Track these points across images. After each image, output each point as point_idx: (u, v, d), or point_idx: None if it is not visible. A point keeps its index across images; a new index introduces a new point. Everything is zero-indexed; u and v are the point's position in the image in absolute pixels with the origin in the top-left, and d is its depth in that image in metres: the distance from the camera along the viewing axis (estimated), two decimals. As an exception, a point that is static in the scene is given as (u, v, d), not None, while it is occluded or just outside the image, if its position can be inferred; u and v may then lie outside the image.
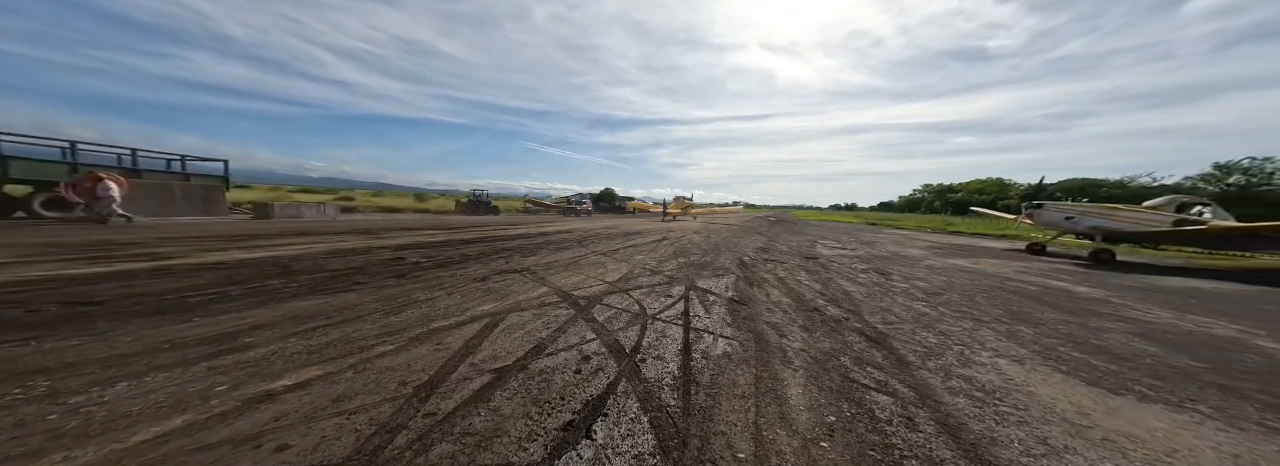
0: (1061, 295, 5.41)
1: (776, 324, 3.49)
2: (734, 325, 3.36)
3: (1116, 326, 3.90)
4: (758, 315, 3.75)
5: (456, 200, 27.01)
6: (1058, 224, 10.95)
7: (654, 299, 4.14)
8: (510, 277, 4.92)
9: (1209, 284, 6.94)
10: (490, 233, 11.73)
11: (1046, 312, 4.36)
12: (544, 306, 3.64)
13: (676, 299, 4.19)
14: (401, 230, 11.30)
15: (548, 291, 4.23)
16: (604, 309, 3.63)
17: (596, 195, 54.12)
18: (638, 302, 3.93)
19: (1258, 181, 33.77)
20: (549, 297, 3.97)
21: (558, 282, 4.73)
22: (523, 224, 17.38)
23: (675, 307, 3.83)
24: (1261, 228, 7.74)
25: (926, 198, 79.33)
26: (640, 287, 4.68)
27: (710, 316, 3.61)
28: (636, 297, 4.13)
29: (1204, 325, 4.06)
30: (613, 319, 3.32)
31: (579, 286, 4.57)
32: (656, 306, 3.84)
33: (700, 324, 3.33)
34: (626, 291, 4.41)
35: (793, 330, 3.33)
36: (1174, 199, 9.97)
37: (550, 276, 5.13)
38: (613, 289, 4.53)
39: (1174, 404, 2.25)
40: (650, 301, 4.03)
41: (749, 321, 3.52)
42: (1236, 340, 3.57)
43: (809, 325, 3.51)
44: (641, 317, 3.40)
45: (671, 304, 3.96)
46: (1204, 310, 4.76)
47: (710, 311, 3.79)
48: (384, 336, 2.70)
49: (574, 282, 4.78)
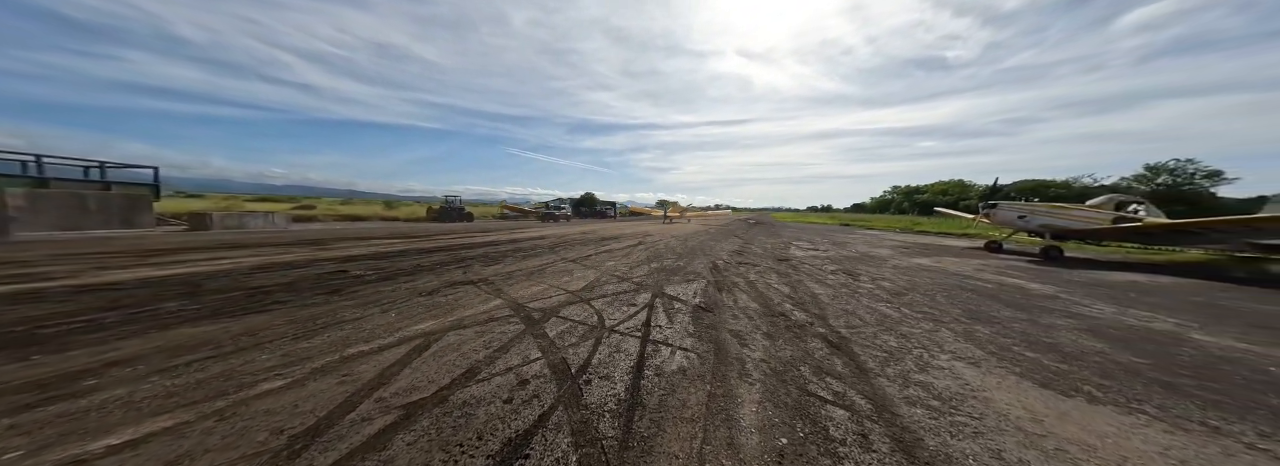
0: (1016, 292, 5.59)
1: (740, 332, 3.37)
2: (696, 335, 3.22)
3: (1066, 323, 4.01)
4: (722, 323, 3.62)
5: (428, 207, 25.97)
6: (1012, 222, 11.53)
7: (616, 308, 3.96)
8: (462, 290, 4.61)
9: (1145, 277, 7.40)
10: (456, 241, 11.23)
11: (1002, 310, 4.46)
12: (491, 322, 3.37)
13: (640, 308, 4.02)
14: (357, 240, 10.64)
15: (501, 304, 3.96)
16: (559, 322, 3.41)
17: (577, 200, 53.14)
18: (598, 313, 3.72)
19: (1181, 181, 37.17)
20: (500, 311, 3.71)
21: (515, 294, 4.46)
22: (496, 231, 16.84)
23: (637, 318, 3.66)
24: (1188, 224, 8.37)
25: (895, 199, 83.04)
26: (604, 296, 4.48)
27: (673, 326, 3.45)
28: (598, 308, 3.93)
29: (1144, 319, 4.25)
30: (566, 333, 3.11)
31: (537, 297, 4.33)
32: (617, 317, 3.65)
33: (660, 335, 3.17)
34: (588, 301, 4.20)
35: (756, 338, 3.22)
36: (1112, 198, 10.69)
37: (508, 287, 4.86)
38: (574, 299, 4.31)
39: (1122, 405, 2.25)
40: (611, 312, 3.83)
41: (712, 330, 3.39)
42: (1173, 334, 3.72)
43: (773, 332, 3.41)
44: (598, 331, 3.20)
45: (634, 313, 3.78)
46: (1142, 304, 5.01)
47: (674, 320, 3.63)
48: (280, 369, 2.35)
49: (533, 293, 4.53)
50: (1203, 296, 5.67)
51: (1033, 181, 55.94)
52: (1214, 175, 36.70)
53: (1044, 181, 54.67)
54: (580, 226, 22.72)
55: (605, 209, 52.32)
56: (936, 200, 63.23)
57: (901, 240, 15.89)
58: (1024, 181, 56.97)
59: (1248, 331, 3.85)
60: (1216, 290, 6.22)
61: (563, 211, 31.80)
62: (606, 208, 53.17)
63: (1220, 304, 5.18)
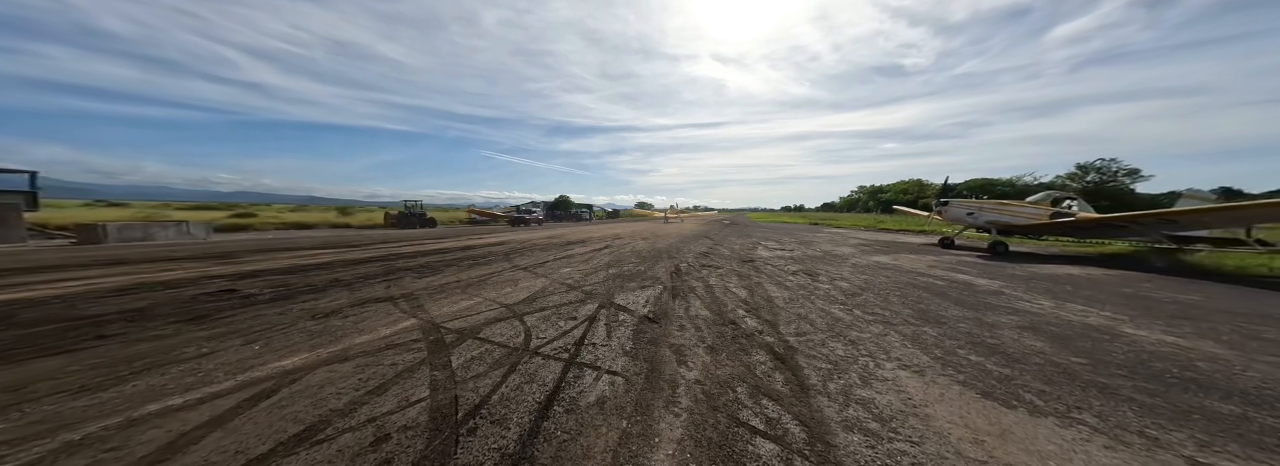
0: (964, 289, 5.67)
1: (682, 346, 3.10)
2: (631, 353, 2.91)
3: (1009, 320, 4.01)
4: (666, 336, 3.34)
5: (386, 213, 24.46)
6: (962, 219, 12.06)
7: (552, 324, 3.59)
8: (372, 309, 4.06)
9: (1079, 270, 7.81)
10: (401, 249, 10.42)
11: (950, 309, 4.44)
12: (386, 350, 2.87)
13: (579, 322, 3.68)
14: (280, 251, 9.61)
15: (412, 326, 3.48)
16: (474, 346, 3.00)
17: (550, 203, 51.73)
18: (526, 331, 3.34)
19: (1106, 179, 40.93)
20: (405, 336, 3.21)
21: (437, 311, 3.98)
22: (456, 237, 15.98)
23: (572, 334, 3.31)
24: (1115, 218, 8.96)
25: (862, 198, 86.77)
26: (543, 310, 4.10)
27: (609, 343, 3.13)
28: (530, 324, 3.55)
29: (1079, 313, 4.34)
30: (475, 361, 2.70)
31: (462, 314, 3.88)
32: (549, 334, 3.29)
33: (591, 355, 2.83)
34: (522, 316, 3.80)
35: (697, 353, 2.95)
36: (1049, 194, 11.38)
37: (433, 303, 4.36)
38: (506, 314, 3.90)
39: (1063, 415, 2.13)
40: (544, 328, 3.47)
41: (652, 345, 3.09)
42: (1106, 328, 3.78)
43: (718, 344, 3.16)
44: (517, 354, 2.82)
45: (570, 329, 3.43)
46: (1078, 298, 5.18)
47: (613, 335, 3.31)
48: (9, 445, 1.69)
49: (459, 309, 4.07)
50: (1130, 288, 5.98)
51: (982, 180, 60.01)
52: (1133, 173, 40.65)
53: (992, 180, 58.75)
54: (550, 230, 22.05)
55: (581, 212, 51.29)
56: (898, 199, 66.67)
57: (864, 238, 16.36)
58: (974, 180, 61.03)
59: (1172, 323, 3.98)
60: (1141, 281, 6.60)
61: (534, 215, 30.87)
62: (582, 211, 52.11)
63: (1145, 295, 5.44)
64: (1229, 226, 8.99)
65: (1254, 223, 8.46)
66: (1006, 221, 11.03)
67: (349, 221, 22.75)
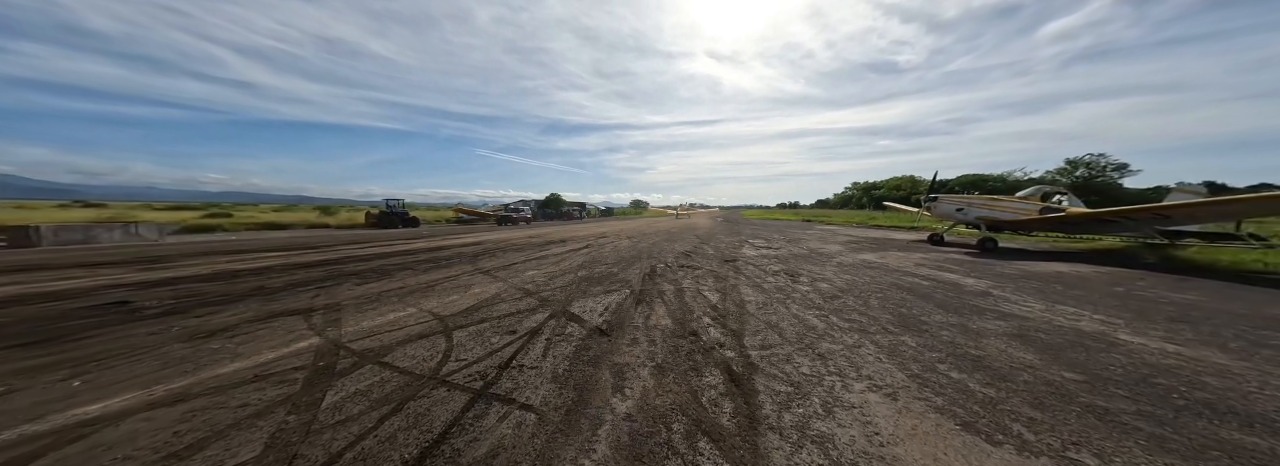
0: (950, 290, 5.34)
1: (626, 366, 2.70)
2: (562, 377, 2.51)
3: (996, 327, 3.67)
4: (611, 353, 2.94)
5: (367, 212, 23.77)
6: (951, 215, 11.79)
7: (482, 340, 3.16)
8: (275, 325, 3.55)
9: (1069, 267, 7.54)
10: (362, 251, 9.86)
11: (933, 314, 4.10)
12: (247, 385, 2.34)
13: (517, 337, 3.26)
14: (225, 255, 9.01)
15: (307, 348, 2.98)
16: (368, 375, 2.51)
17: (541, 202, 50.82)
18: (447, 351, 2.92)
19: (1095, 174, 41.17)
20: (289, 362, 2.71)
21: (351, 327, 3.50)
22: (433, 237, 15.44)
23: (501, 354, 2.90)
24: (1105, 213, 8.71)
25: (855, 195, 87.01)
26: (483, 322, 3.67)
27: (541, 364, 2.72)
28: (456, 341, 3.12)
29: (1071, 317, 4.01)
30: (357, 397, 2.19)
31: (382, 330, 3.43)
32: (472, 355, 2.87)
33: (510, 383, 2.42)
34: (453, 331, 3.37)
35: (640, 375, 2.56)
36: (1039, 189, 11.13)
37: (355, 316, 3.88)
38: (435, 328, 3.46)
39: (1057, 454, 1.77)
40: (470, 347, 3.04)
41: (591, 366, 2.69)
42: (1101, 335, 3.45)
43: (669, 362, 2.77)
44: (418, 385, 2.37)
45: (501, 347, 3.02)
46: (1069, 299, 4.87)
47: (549, 353, 2.91)
48: None
49: (381, 324, 3.61)
50: (1122, 287, 5.69)
51: (974, 176, 60.26)
52: (1122, 167, 40.91)
53: (983, 176, 59.02)
54: (536, 229, 21.57)
55: (573, 210, 50.53)
56: (891, 195, 66.89)
57: (854, 235, 16.09)
58: (966, 176, 61.29)
59: (1171, 328, 3.66)
60: (1134, 279, 6.32)
61: (522, 214, 30.27)
62: (574, 209, 51.31)
63: (1140, 295, 5.15)
64: (1220, 221, 8.79)
65: (1246, 217, 8.26)
66: (996, 217, 10.77)
67: (328, 221, 22.08)
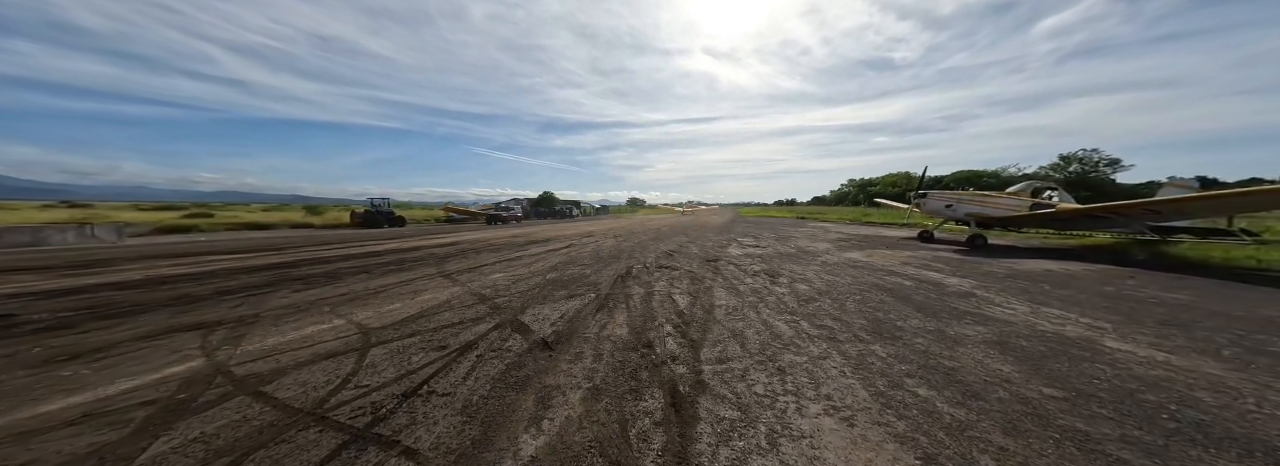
0: (932, 290, 5.09)
1: (557, 389, 2.41)
2: (473, 408, 2.16)
3: (975, 333, 3.41)
4: (547, 372, 2.64)
5: (351, 211, 23.33)
6: (940, 212, 11.56)
7: (401, 359, 2.83)
8: (165, 342, 3.14)
9: (1058, 265, 7.32)
10: (327, 253, 9.44)
11: (910, 318, 3.83)
12: (61, 430, 1.91)
13: (446, 353, 2.95)
14: (173, 258, 8.53)
15: (178, 374, 2.57)
16: (229, 411, 2.11)
17: (534, 200, 50.09)
18: (350, 375, 2.58)
19: (1088, 169, 41.17)
20: (141, 394, 2.29)
21: (256, 344, 3.12)
22: (413, 237, 15.07)
23: (416, 375, 2.57)
24: (1096, 208, 8.50)
25: (851, 192, 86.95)
26: (414, 335, 3.35)
27: (458, 389, 2.40)
28: (370, 362, 2.79)
29: (1057, 321, 3.76)
30: (192, 446, 1.78)
31: (289, 347, 3.07)
32: (380, 378, 2.53)
33: (405, 418, 2.04)
34: (371, 348, 3.04)
35: (569, 401, 2.26)
36: (1030, 184, 10.92)
37: (271, 328, 3.51)
38: (353, 345, 3.12)
39: (1024, 497, 1.50)
40: (383, 367, 2.72)
41: (516, 390, 2.39)
42: (1086, 342, 3.20)
43: (609, 382, 2.48)
44: (284, 424, 1.98)
45: (419, 367, 2.70)
46: (1056, 300, 4.62)
47: (474, 374, 2.60)
48: None
49: (293, 340, 3.24)
50: (1112, 286, 5.46)
51: (968, 172, 60.26)
52: (1114, 163, 40.93)
53: (977, 172, 59.02)
54: (524, 228, 21.23)
55: (567, 208, 49.91)
56: (887, 192, 66.87)
57: (845, 232, 15.87)
58: (960, 172, 61.28)
59: (1161, 333, 3.41)
60: (1124, 277, 6.10)
61: (512, 213, 29.86)
62: (568, 207, 50.66)
63: (1129, 295, 4.92)
64: (1212, 216, 8.60)
65: (1238, 212, 8.07)
66: (985, 213, 10.56)
67: (312, 221, 21.64)
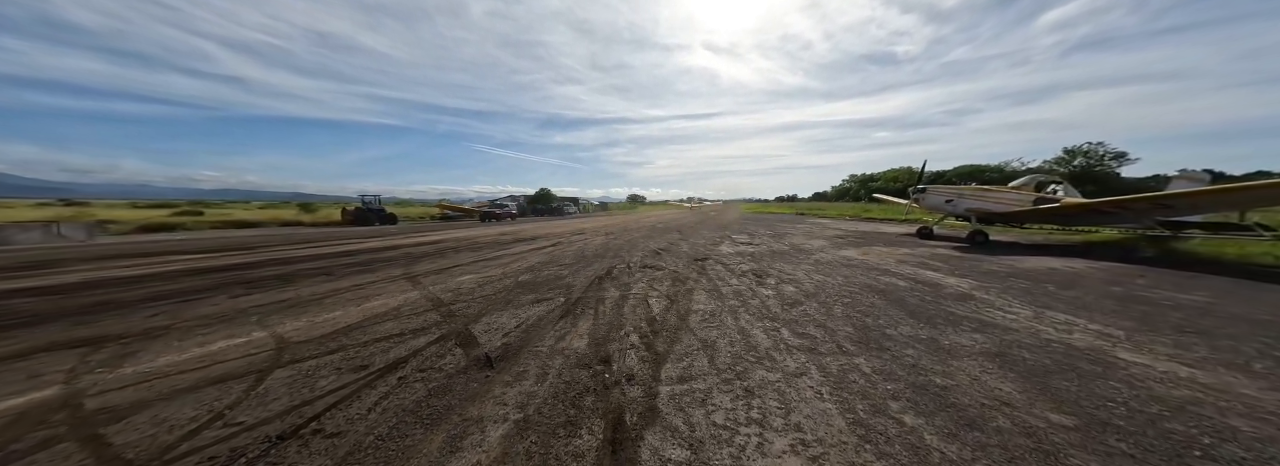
0: (928, 292, 4.74)
1: (476, 422, 2.06)
2: (357, 454, 1.78)
3: (972, 343, 3.07)
4: (475, 398, 2.30)
5: (343, 209, 23.04)
6: (940, 207, 11.17)
7: (305, 383, 2.49)
8: (26, 364, 2.78)
9: (1063, 262, 6.96)
10: (296, 253, 9.06)
11: (901, 325, 3.49)
12: None
13: (365, 374, 2.61)
14: (133, 257, 8.16)
15: (12, 408, 2.21)
16: (43, 462, 1.78)
17: (531, 197, 49.58)
18: (230, 407, 2.22)
19: (1093, 163, 40.52)
20: None
21: (139, 366, 2.73)
22: (398, 235, 14.73)
23: (313, 405, 2.22)
24: (1102, 202, 8.11)
25: (852, 187, 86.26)
26: (337, 351, 3.00)
27: (356, 424, 2.04)
28: (267, 386, 2.44)
29: (1063, 328, 3.42)
30: None
31: (178, 368, 2.71)
32: (268, 409, 2.18)
33: None
34: (276, 369, 2.71)
35: (484, 442, 1.89)
36: (1033, 178, 10.50)
37: (172, 344, 3.15)
38: (258, 365, 2.79)
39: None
40: (277, 396, 2.38)
41: (426, 424, 2.02)
42: (1097, 354, 2.86)
43: (541, 414, 2.13)
44: None
45: (325, 393, 2.36)
46: (1061, 302, 4.27)
47: (386, 402, 2.26)
48: None
49: (186, 360, 2.88)
50: (1121, 286, 5.10)
51: (970, 167, 59.54)
52: (1120, 156, 40.25)
53: (980, 166, 58.30)
54: (516, 226, 20.91)
55: (564, 205, 49.43)
56: (889, 187, 66.27)
57: (844, 228, 15.49)
58: (962, 167, 60.56)
59: (1180, 342, 3.06)
60: (1133, 277, 5.74)
61: (506, 210, 29.54)
62: (565, 204, 50.16)
63: (1140, 296, 4.56)
64: (1227, 210, 8.20)
65: (1258, 206, 7.65)
66: (987, 209, 10.16)
67: (303, 218, 21.35)
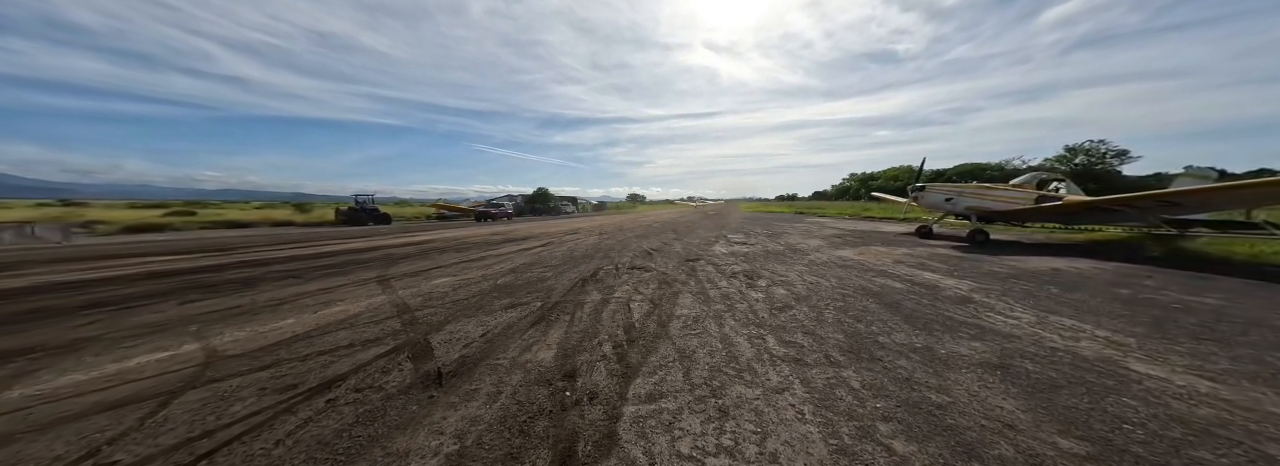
0: (926, 295, 4.51)
1: (398, 458, 1.82)
2: None
3: (971, 352, 2.84)
4: (401, 427, 2.04)
5: (336, 209, 22.78)
6: (939, 206, 10.92)
7: (217, 408, 2.24)
8: None
9: (1066, 262, 6.72)
10: (274, 254, 8.78)
11: (896, 333, 3.26)
12: None
13: (292, 395, 2.37)
14: (102, 259, 7.85)
15: None
16: None
17: (529, 196, 49.29)
18: (112, 441, 1.97)
19: (1094, 161, 40.20)
20: None
21: (39, 387, 2.48)
22: (388, 235, 14.48)
23: (213, 437, 1.96)
24: (1106, 200, 7.87)
25: (853, 186, 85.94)
26: (272, 366, 2.76)
27: (253, 462, 1.83)
28: (169, 413, 2.21)
29: (1068, 335, 3.18)
30: None
31: (73, 392, 2.47)
32: (160, 442, 1.91)
33: None
34: (190, 390, 2.46)
35: None
36: (1035, 176, 10.26)
37: (86, 359, 2.88)
38: (169, 385, 2.54)
39: None
40: (173, 426, 2.14)
41: (340, 462, 1.80)
42: (1107, 365, 2.62)
43: (480, 443, 1.86)
44: None
45: (233, 421, 2.11)
46: (1065, 306, 4.04)
47: (305, 430, 2.01)
48: None
49: (85, 382, 2.65)
50: (1128, 288, 4.86)
51: (971, 165, 59.22)
52: (1122, 154, 39.94)
53: (981, 165, 57.96)
54: (511, 225, 20.67)
55: (562, 205, 49.16)
56: (890, 186, 65.97)
57: (842, 228, 15.25)
58: (963, 165, 60.22)
59: (1198, 352, 2.83)
60: (1140, 277, 5.50)
61: (502, 209, 29.29)
62: (563, 204, 49.87)
63: (1149, 299, 4.32)
64: (1232, 208, 7.96)
65: (1263, 204, 7.41)
66: (987, 207, 9.92)
67: (295, 218, 21.10)
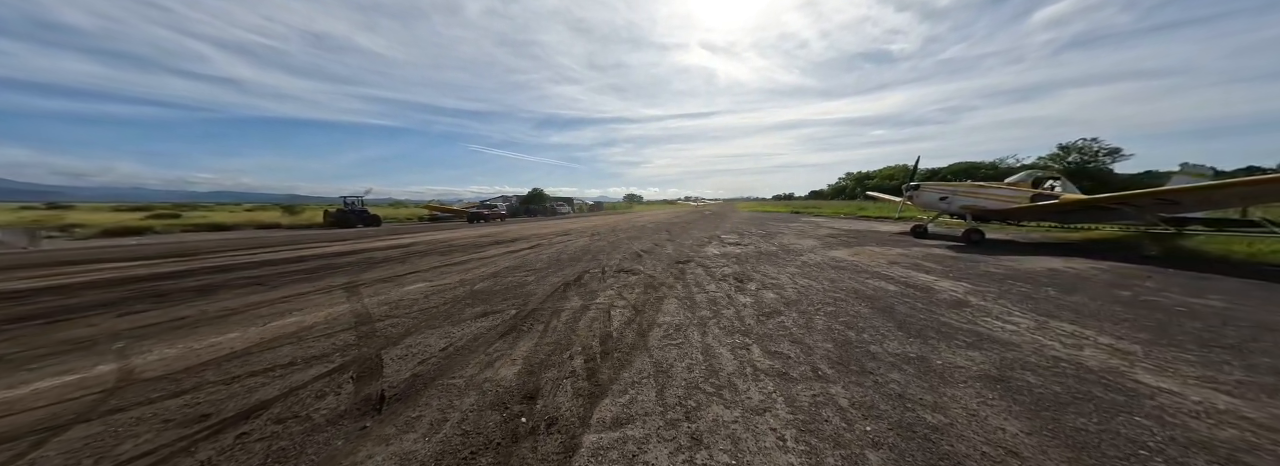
0: (920, 298, 4.33)
1: None
2: None
3: (968, 363, 2.65)
4: (330, 463, 1.85)
5: (325, 210, 22.42)
6: (934, 205, 10.79)
7: (95, 448, 2.01)
8: None
9: (1063, 262, 6.57)
10: (244, 259, 8.50)
11: (888, 340, 3.07)
12: None
13: (195, 430, 2.14)
14: (55, 266, 7.55)
15: None
16: None
17: (524, 197, 48.89)
18: None
19: (1087, 159, 40.38)
20: None
21: None
22: (373, 237, 14.20)
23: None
24: (1103, 199, 7.75)
25: (849, 185, 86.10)
26: (192, 390, 2.50)
27: None
28: (43, 454, 2.02)
29: (1069, 342, 3.00)
30: None
31: None
32: None
33: None
34: (79, 424, 2.23)
35: None
36: (1031, 174, 10.14)
37: None
38: (65, 417, 2.32)
39: None
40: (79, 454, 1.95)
41: None
42: (1113, 376, 2.44)
43: None
44: None
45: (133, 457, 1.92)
46: (1065, 309, 3.86)
47: None
48: None
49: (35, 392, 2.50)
50: (1128, 289, 4.70)
51: (966, 164, 59.42)
52: (1114, 152, 40.13)
53: (975, 163, 58.16)
54: (502, 227, 20.40)
55: (557, 206, 48.84)
56: (885, 185, 66.13)
57: (837, 227, 15.11)
58: (958, 164, 60.43)
59: (1209, 360, 2.65)
60: (1140, 278, 5.34)
61: (495, 210, 28.99)
62: (558, 205, 49.57)
63: (1151, 301, 4.16)
64: (1232, 205, 7.85)
65: (1260, 202, 7.30)
66: (982, 206, 9.79)
67: (281, 220, 20.73)
